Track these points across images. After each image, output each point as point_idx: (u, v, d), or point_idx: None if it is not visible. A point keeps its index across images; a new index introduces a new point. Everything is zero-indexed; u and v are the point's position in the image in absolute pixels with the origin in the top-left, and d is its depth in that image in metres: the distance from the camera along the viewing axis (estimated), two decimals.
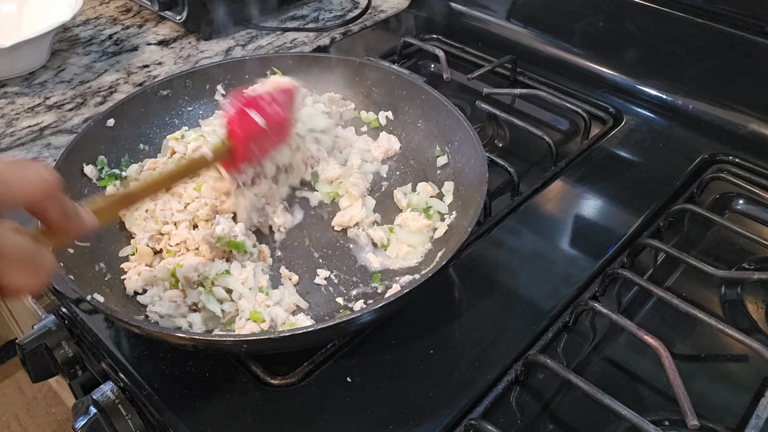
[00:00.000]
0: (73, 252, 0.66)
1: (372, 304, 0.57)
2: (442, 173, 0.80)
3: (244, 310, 0.64)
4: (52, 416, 1.81)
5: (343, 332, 0.62)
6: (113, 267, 0.70)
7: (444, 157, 0.80)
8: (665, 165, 0.87)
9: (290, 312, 0.67)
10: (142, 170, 0.80)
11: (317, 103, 0.89)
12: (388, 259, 0.73)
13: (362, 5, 1.25)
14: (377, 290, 0.70)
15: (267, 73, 0.90)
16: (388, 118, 0.88)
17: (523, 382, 0.62)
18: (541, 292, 0.70)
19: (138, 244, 0.71)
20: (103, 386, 0.64)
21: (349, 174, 0.81)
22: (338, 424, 0.58)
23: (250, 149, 0.68)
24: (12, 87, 1.03)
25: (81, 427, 0.62)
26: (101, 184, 0.76)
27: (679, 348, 0.66)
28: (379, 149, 0.85)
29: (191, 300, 0.66)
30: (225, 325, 0.65)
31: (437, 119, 0.81)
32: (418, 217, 0.75)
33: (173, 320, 0.65)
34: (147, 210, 0.75)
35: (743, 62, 0.90)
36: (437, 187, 0.79)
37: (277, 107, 0.70)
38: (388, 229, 0.75)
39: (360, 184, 0.80)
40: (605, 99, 0.99)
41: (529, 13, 1.11)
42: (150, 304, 0.66)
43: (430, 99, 0.82)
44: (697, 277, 0.72)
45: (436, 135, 0.82)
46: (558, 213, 0.80)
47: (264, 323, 0.64)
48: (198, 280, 0.67)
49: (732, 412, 0.60)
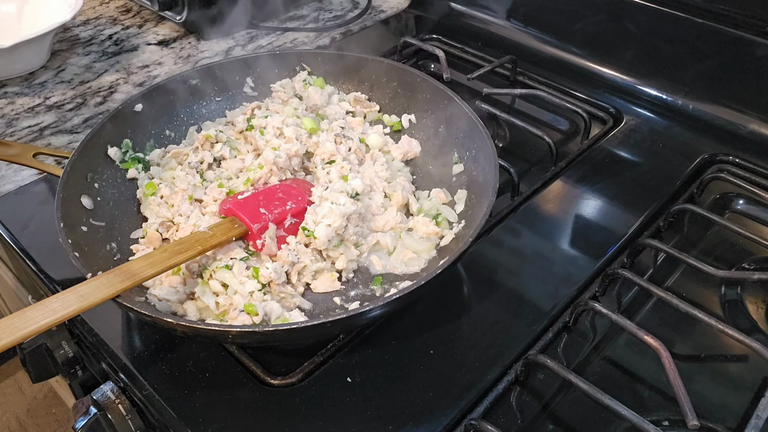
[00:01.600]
0: (87, 230, 0.67)
1: (364, 306, 0.56)
2: (457, 181, 0.80)
3: (237, 306, 0.65)
4: (52, 416, 1.81)
5: (330, 332, 0.62)
6: (123, 248, 0.71)
7: (460, 165, 0.80)
8: (665, 165, 0.87)
9: (290, 309, 0.67)
10: (165, 155, 0.81)
11: (342, 101, 0.89)
12: (391, 263, 0.73)
13: (362, 5, 1.25)
14: (375, 293, 0.70)
15: (296, 69, 0.90)
16: (411, 122, 0.88)
17: (523, 382, 0.62)
18: (541, 292, 0.70)
19: (149, 228, 0.72)
20: (103, 386, 0.65)
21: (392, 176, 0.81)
22: (338, 424, 0.58)
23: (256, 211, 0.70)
24: (12, 87, 1.03)
25: (81, 427, 0.62)
26: (124, 167, 0.78)
27: (679, 348, 0.66)
28: (399, 150, 0.84)
29: (190, 289, 0.67)
30: (218, 316, 0.65)
31: (458, 126, 0.81)
32: (428, 222, 0.74)
33: (170, 305, 0.65)
34: (162, 196, 0.75)
35: (743, 62, 0.90)
36: (450, 194, 0.78)
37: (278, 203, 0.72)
38: (396, 234, 0.75)
39: (406, 184, 0.79)
40: (605, 99, 0.99)
41: (529, 13, 1.11)
42: (151, 287, 0.66)
43: (452, 106, 0.81)
44: (697, 277, 0.72)
45: (455, 142, 0.81)
46: (558, 213, 0.80)
47: (257, 317, 0.64)
48: (198, 271, 0.67)
49: (732, 412, 0.60)
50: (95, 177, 0.74)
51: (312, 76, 0.90)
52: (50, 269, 0.72)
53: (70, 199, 0.68)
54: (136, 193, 0.77)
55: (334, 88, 0.91)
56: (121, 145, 0.78)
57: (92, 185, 0.73)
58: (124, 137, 0.79)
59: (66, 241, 0.61)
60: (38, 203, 0.81)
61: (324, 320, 0.55)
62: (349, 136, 0.83)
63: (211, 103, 0.88)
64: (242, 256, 0.68)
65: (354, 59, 0.91)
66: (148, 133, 0.82)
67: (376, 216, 0.75)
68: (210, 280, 0.67)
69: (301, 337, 0.62)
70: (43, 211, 0.80)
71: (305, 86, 0.89)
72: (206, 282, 0.66)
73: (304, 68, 0.90)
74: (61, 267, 0.72)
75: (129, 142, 0.79)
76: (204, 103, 0.88)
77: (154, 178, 0.78)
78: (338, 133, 0.83)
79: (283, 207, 0.72)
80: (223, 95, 0.89)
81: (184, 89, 0.85)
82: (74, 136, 0.93)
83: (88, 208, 0.70)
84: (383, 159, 0.82)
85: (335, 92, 0.91)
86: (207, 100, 0.88)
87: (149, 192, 0.75)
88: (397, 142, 0.86)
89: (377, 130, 0.87)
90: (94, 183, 0.73)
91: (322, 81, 0.90)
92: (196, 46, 1.15)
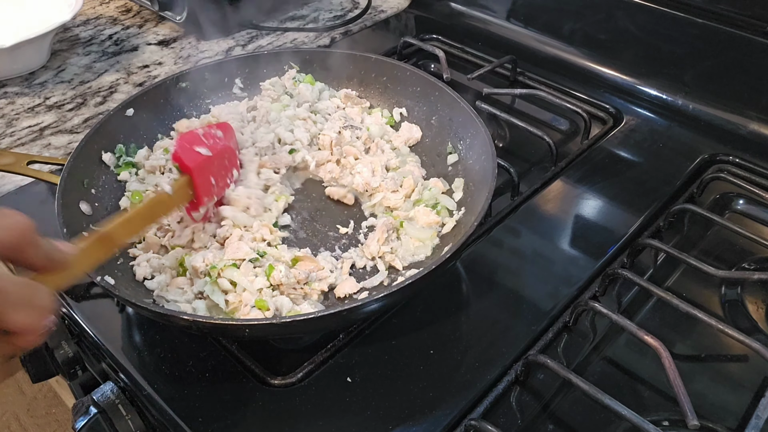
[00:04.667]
0: (88, 236, 0.67)
1: (374, 295, 0.57)
2: (453, 170, 0.81)
3: (248, 302, 0.65)
4: (52, 416, 1.81)
5: (346, 321, 0.63)
6: (125, 252, 0.71)
7: (455, 155, 0.81)
8: (665, 165, 0.87)
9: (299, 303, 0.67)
10: (150, 156, 0.81)
11: (333, 98, 0.90)
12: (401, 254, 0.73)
13: (362, 5, 1.25)
14: (383, 283, 0.70)
15: (285, 68, 0.91)
16: (402, 115, 0.89)
17: (523, 382, 0.62)
18: (541, 292, 0.70)
19: (146, 233, 0.72)
20: (103, 386, 0.65)
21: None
22: (338, 424, 0.58)
23: (208, 180, 0.70)
24: (12, 87, 1.03)
25: (81, 427, 0.62)
26: (118, 171, 0.78)
27: (679, 348, 0.66)
28: (400, 139, 0.85)
29: (198, 288, 0.67)
30: (228, 314, 0.65)
31: (451, 116, 0.82)
32: (429, 212, 0.75)
33: (179, 305, 0.66)
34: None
35: (743, 62, 0.90)
36: (448, 183, 0.79)
37: (217, 139, 0.72)
38: (399, 223, 0.75)
39: (415, 171, 0.80)
40: (605, 99, 0.99)
41: (529, 13, 1.11)
42: (157, 289, 0.67)
43: (444, 96, 0.83)
44: (697, 277, 0.72)
45: (448, 132, 0.83)
46: (558, 213, 0.80)
47: (268, 311, 0.64)
48: (205, 270, 0.67)
49: (732, 412, 0.60)
50: (92, 183, 0.74)
51: (301, 74, 0.91)
52: None
53: (70, 205, 0.68)
54: (120, 203, 0.76)
55: (324, 85, 0.92)
56: (115, 150, 0.79)
57: (89, 191, 0.73)
58: (118, 142, 0.79)
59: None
60: (38, 203, 0.81)
61: (341, 308, 0.55)
62: (357, 126, 0.84)
63: (201, 106, 0.89)
64: (252, 257, 0.68)
65: (341, 56, 0.91)
66: (141, 138, 0.82)
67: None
68: (218, 279, 0.67)
69: (317, 328, 0.63)
70: (43, 211, 0.80)
71: (295, 83, 0.89)
72: (215, 281, 0.66)
73: (293, 66, 0.91)
74: None
75: (122, 147, 0.79)
76: (195, 106, 0.88)
77: (145, 180, 0.78)
78: (345, 124, 0.83)
79: (224, 180, 0.73)
80: (213, 97, 0.89)
81: (174, 92, 0.86)
82: (74, 136, 0.93)
83: (87, 213, 0.71)
84: (387, 146, 0.83)
85: (325, 88, 0.92)
86: (197, 102, 0.88)
87: (136, 201, 0.75)
88: (398, 131, 0.87)
89: (375, 119, 0.88)
90: (91, 189, 0.73)
91: (311, 78, 0.91)
92: (196, 46, 1.15)
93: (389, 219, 0.74)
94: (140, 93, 0.82)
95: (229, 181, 0.74)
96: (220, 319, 0.63)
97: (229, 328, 0.58)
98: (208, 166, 0.70)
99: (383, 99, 0.91)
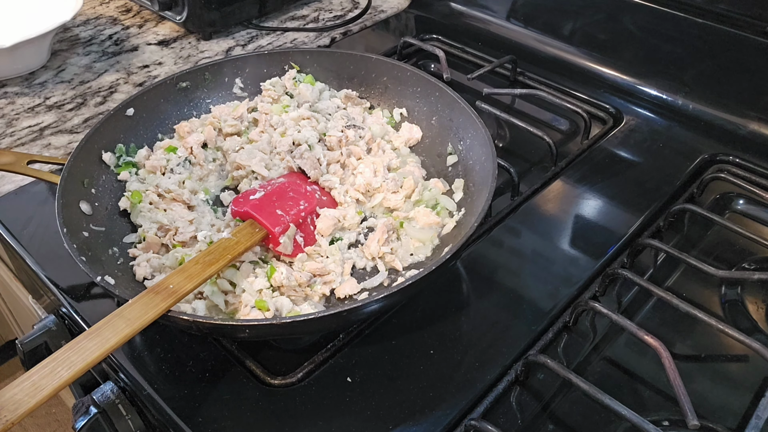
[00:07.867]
0: (88, 235, 0.67)
1: (375, 295, 0.57)
2: (453, 170, 0.81)
3: (247, 303, 0.65)
4: (52, 416, 1.81)
5: (346, 321, 0.63)
6: (124, 253, 0.71)
7: (455, 156, 0.81)
8: (665, 165, 0.87)
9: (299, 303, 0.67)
10: (150, 156, 0.80)
11: (333, 98, 0.90)
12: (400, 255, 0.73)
13: (362, 5, 1.25)
14: (383, 283, 0.70)
15: (285, 68, 0.91)
16: (403, 115, 0.89)
17: (523, 382, 0.62)
18: (541, 292, 0.70)
19: (146, 233, 0.72)
20: (103, 386, 0.65)
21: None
22: (338, 424, 0.58)
23: (273, 213, 0.71)
24: (12, 87, 1.03)
25: (81, 427, 0.62)
26: (118, 171, 0.78)
27: (679, 348, 0.66)
28: (400, 139, 0.85)
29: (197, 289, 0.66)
30: (228, 314, 0.65)
31: (451, 116, 0.82)
32: (429, 213, 0.75)
33: (178, 306, 0.65)
34: (151, 203, 0.75)
35: (743, 62, 0.90)
36: (448, 183, 0.79)
37: (271, 183, 0.74)
38: (399, 224, 0.75)
39: (416, 171, 0.80)
40: (605, 99, 0.99)
41: (529, 13, 1.11)
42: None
43: (444, 96, 0.83)
44: (697, 277, 0.72)
45: (448, 132, 0.82)
46: (558, 213, 0.80)
47: (268, 312, 0.64)
48: None
49: (732, 412, 0.60)
50: (92, 182, 0.74)
51: (301, 74, 0.91)
52: (50, 270, 0.72)
53: (70, 205, 0.68)
54: (119, 203, 0.76)
55: (324, 85, 0.92)
56: (115, 150, 0.79)
57: (89, 191, 0.73)
58: (118, 142, 0.79)
59: (71, 246, 0.61)
60: (38, 203, 0.81)
61: (341, 309, 0.55)
62: (360, 126, 0.84)
63: (201, 106, 0.88)
64: (251, 259, 0.68)
65: (342, 56, 0.91)
66: (141, 137, 0.82)
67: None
68: (218, 279, 0.66)
69: (318, 329, 0.63)
70: (43, 211, 0.80)
71: (295, 84, 0.89)
72: (214, 282, 0.66)
73: (293, 67, 0.91)
74: (62, 268, 0.72)
75: (122, 147, 0.79)
76: (195, 106, 0.88)
77: (145, 180, 0.78)
78: (348, 123, 0.83)
79: (297, 206, 0.73)
80: (213, 97, 0.89)
81: (174, 92, 0.85)
82: (74, 136, 0.93)
83: (87, 213, 0.70)
84: (389, 147, 0.84)
85: (326, 89, 0.91)
86: (197, 102, 0.88)
87: (136, 200, 0.75)
88: (398, 131, 0.87)
89: (376, 119, 0.88)
90: (91, 188, 0.73)
91: (312, 78, 0.91)
92: (196, 46, 1.15)
93: (389, 220, 0.74)
94: (140, 93, 0.82)
95: (305, 204, 0.74)
96: (220, 319, 0.63)
97: (229, 328, 0.58)
98: (266, 203, 0.71)
99: (383, 99, 0.91)
